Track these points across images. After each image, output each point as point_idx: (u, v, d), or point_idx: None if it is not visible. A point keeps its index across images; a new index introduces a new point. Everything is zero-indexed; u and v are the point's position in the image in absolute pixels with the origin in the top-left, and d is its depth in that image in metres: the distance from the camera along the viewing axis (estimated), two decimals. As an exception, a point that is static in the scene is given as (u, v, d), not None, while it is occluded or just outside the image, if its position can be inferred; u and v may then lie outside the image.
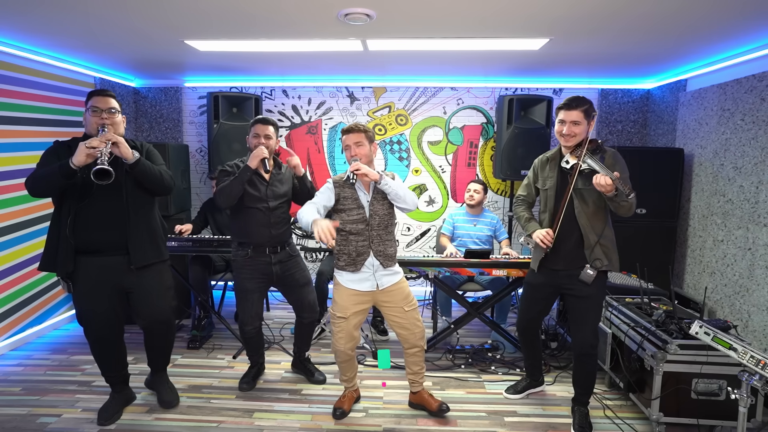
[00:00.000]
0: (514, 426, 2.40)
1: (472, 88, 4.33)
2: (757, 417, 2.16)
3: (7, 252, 3.18)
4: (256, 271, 2.59)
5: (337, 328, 2.34)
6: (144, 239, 2.25)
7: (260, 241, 2.56)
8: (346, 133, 2.29)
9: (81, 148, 1.99)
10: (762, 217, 2.78)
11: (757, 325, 2.76)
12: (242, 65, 3.74)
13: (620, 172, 2.07)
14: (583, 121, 2.16)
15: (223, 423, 2.38)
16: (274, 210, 2.57)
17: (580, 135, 2.17)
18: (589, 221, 2.18)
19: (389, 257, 2.32)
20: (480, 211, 3.57)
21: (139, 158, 2.14)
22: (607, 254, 2.20)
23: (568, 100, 2.17)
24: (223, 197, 2.45)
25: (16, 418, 2.40)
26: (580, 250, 2.21)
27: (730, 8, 2.26)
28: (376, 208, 2.30)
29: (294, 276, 2.67)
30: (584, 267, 2.18)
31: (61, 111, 3.57)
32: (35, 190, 2.09)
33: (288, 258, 2.66)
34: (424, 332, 2.41)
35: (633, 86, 4.23)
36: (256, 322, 2.66)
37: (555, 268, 2.30)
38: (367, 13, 2.39)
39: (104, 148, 2.01)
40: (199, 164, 4.52)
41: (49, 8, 2.36)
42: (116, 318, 2.28)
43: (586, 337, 2.23)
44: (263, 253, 2.58)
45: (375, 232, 2.28)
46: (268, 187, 2.58)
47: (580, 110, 2.15)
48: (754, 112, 2.87)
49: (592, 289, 2.20)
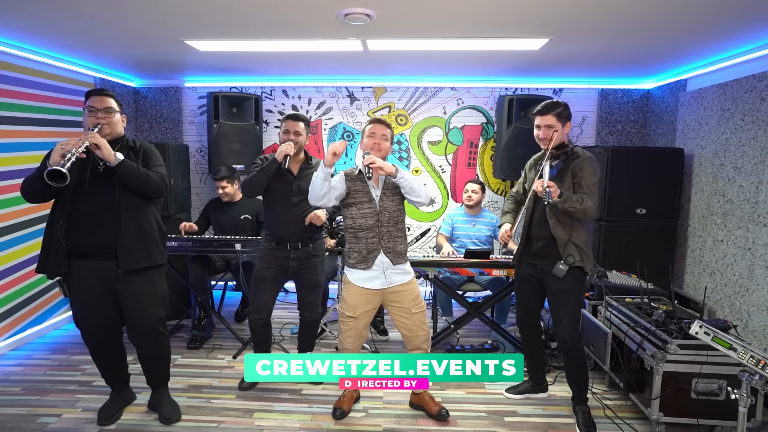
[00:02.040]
0: (514, 426, 2.40)
1: (472, 88, 4.33)
2: (757, 417, 2.16)
3: (6, 252, 3.18)
4: (273, 262, 2.62)
5: (345, 327, 2.33)
6: (134, 243, 2.15)
7: (281, 235, 2.59)
8: (377, 122, 2.29)
9: (56, 147, 1.95)
10: (762, 217, 2.78)
11: (757, 325, 2.76)
12: (242, 65, 3.74)
13: (583, 179, 2.22)
14: (557, 124, 2.26)
15: (223, 423, 2.38)
16: (295, 206, 2.57)
17: (557, 137, 2.25)
18: (558, 221, 2.26)
19: (399, 254, 2.31)
20: (479, 211, 3.57)
21: (122, 160, 2.06)
22: (580, 253, 2.27)
23: (542, 106, 2.30)
24: (248, 186, 2.53)
25: (16, 418, 2.40)
26: (553, 247, 2.29)
27: (730, 8, 2.26)
28: (385, 203, 2.29)
29: (306, 275, 2.69)
30: (557, 262, 2.26)
31: (61, 111, 3.57)
32: (27, 196, 2.08)
33: (309, 257, 2.66)
34: (429, 336, 2.40)
35: (633, 86, 4.23)
36: (262, 313, 2.68)
37: (533, 263, 2.41)
38: (367, 13, 2.38)
39: (75, 150, 1.93)
40: (199, 164, 4.52)
41: (48, 8, 2.36)
42: (113, 322, 2.25)
43: (565, 331, 2.30)
44: (284, 248, 2.61)
45: (385, 228, 2.28)
46: (294, 182, 2.58)
47: (553, 114, 2.26)
48: (754, 112, 2.87)
49: (566, 284, 2.28)
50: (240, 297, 4.02)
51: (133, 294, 2.18)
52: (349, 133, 4.44)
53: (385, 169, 2.16)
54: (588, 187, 2.21)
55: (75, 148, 1.94)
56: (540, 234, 2.35)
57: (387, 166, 2.17)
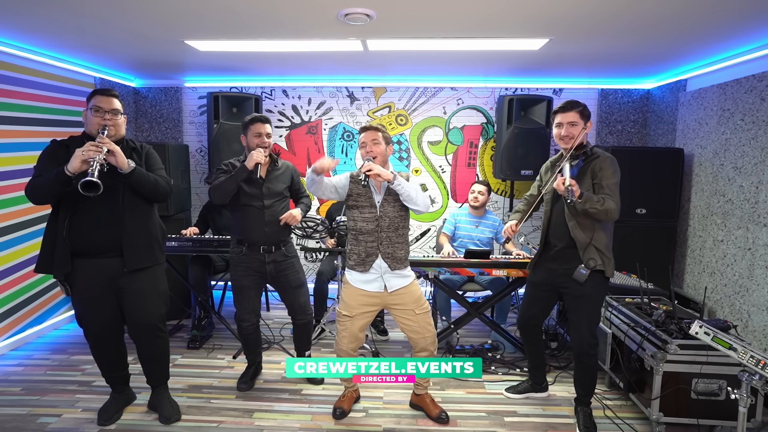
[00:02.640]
0: (514, 426, 2.40)
1: (472, 88, 4.33)
2: (757, 417, 2.16)
3: (7, 252, 3.19)
4: (250, 268, 2.60)
5: (341, 327, 2.34)
6: (139, 242, 2.20)
7: (254, 239, 2.57)
8: (364, 131, 2.28)
9: (77, 153, 1.95)
10: (762, 217, 2.78)
11: (757, 325, 2.76)
12: (242, 65, 3.74)
13: (604, 179, 2.15)
14: (580, 122, 2.22)
15: (223, 423, 2.38)
16: (268, 208, 2.56)
17: (578, 136, 2.21)
18: (578, 223, 2.21)
19: (398, 260, 2.29)
20: (483, 212, 3.57)
21: (135, 168, 2.10)
22: (601, 257, 2.21)
23: (564, 104, 2.26)
24: (216, 194, 2.48)
25: (16, 418, 2.40)
26: (573, 251, 2.24)
27: (730, 8, 2.26)
28: (386, 209, 2.27)
29: (287, 277, 2.66)
30: (578, 266, 2.22)
31: (61, 111, 3.57)
32: (35, 198, 2.08)
33: (283, 259, 2.65)
34: (435, 337, 2.38)
35: (633, 86, 4.23)
36: (252, 318, 2.66)
37: (552, 268, 2.34)
38: (367, 13, 2.38)
39: (98, 156, 1.95)
40: (199, 164, 4.52)
41: (48, 8, 2.36)
42: (115, 320, 2.26)
43: (583, 337, 2.25)
44: (257, 252, 2.58)
45: (384, 234, 2.27)
46: (264, 184, 2.57)
47: (576, 111, 2.22)
48: (754, 112, 2.87)
49: (586, 289, 2.22)
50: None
51: (136, 290, 2.22)
52: (349, 133, 4.43)
53: (383, 176, 2.14)
54: (609, 188, 2.15)
55: (97, 155, 1.95)
56: (559, 237, 2.29)
57: (384, 173, 2.14)
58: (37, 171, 2.10)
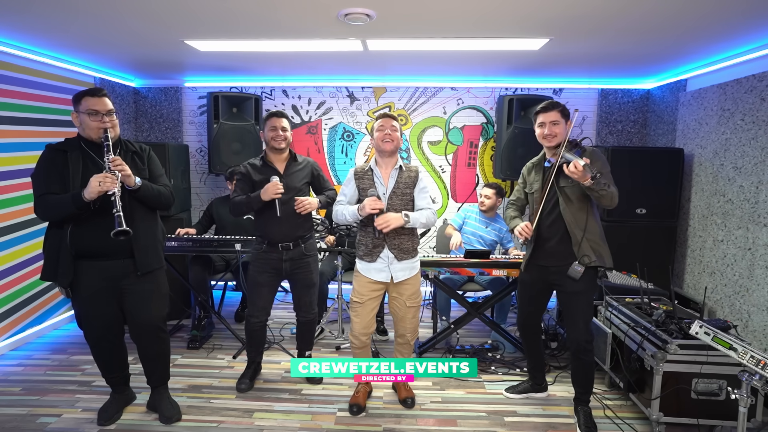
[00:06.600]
0: (514, 426, 2.40)
1: (472, 88, 4.33)
2: (757, 417, 2.16)
3: (7, 252, 3.18)
4: (266, 265, 2.63)
5: (354, 314, 2.46)
6: (149, 244, 2.23)
7: (272, 236, 2.59)
8: (385, 117, 2.39)
9: (94, 184, 1.95)
10: (762, 217, 2.78)
11: (757, 325, 2.76)
12: (242, 65, 3.74)
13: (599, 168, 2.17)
14: (561, 121, 2.28)
15: (223, 423, 2.38)
16: (284, 204, 2.54)
17: (560, 135, 2.27)
18: (573, 218, 2.25)
19: (405, 251, 2.40)
20: (493, 215, 3.56)
21: (142, 185, 2.13)
22: (596, 250, 2.24)
23: (545, 104, 2.33)
24: (237, 211, 2.60)
25: (16, 418, 2.40)
26: (567, 246, 2.27)
27: (730, 8, 2.26)
28: (393, 201, 2.38)
29: (300, 275, 2.69)
30: (572, 263, 2.24)
31: (61, 111, 3.57)
32: (48, 218, 2.09)
33: (301, 257, 2.66)
34: (415, 329, 2.51)
35: (633, 86, 4.23)
36: (262, 315, 2.69)
37: (545, 265, 2.37)
38: (367, 13, 2.39)
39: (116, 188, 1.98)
40: (199, 164, 4.52)
41: (48, 8, 2.36)
42: (115, 320, 2.26)
43: (579, 333, 2.28)
44: (276, 249, 2.61)
45: None
46: (281, 180, 2.55)
47: (557, 111, 2.28)
48: (754, 112, 2.87)
49: (581, 285, 2.25)
50: (240, 297, 4.03)
51: (141, 292, 2.23)
52: (349, 133, 4.43)
53: (394, 225, 2.26)
54: (606, 176, 2.19)
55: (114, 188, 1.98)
56: (552, 232, 2.31)
57: (395, 221, 2.26)
58: (40, 182, 2.06)
